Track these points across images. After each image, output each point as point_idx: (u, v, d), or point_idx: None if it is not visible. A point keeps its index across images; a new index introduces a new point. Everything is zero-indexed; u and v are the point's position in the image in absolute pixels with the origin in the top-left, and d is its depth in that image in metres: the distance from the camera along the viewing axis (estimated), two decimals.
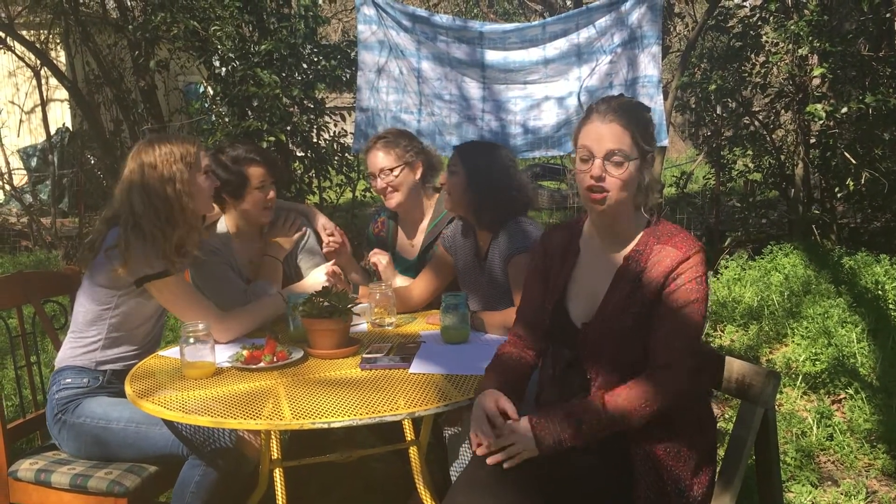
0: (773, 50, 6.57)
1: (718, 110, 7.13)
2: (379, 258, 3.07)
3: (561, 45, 5.18)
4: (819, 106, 5.97)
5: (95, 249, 2.54)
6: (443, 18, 5.39)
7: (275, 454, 2.42)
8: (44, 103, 9.02)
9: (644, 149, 2.00)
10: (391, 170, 3.08)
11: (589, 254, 2.14)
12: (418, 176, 3.12)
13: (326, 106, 6.94)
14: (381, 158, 3.10)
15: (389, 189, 3.10)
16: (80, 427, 2.46)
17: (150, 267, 2.47)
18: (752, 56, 6.79)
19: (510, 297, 2.67)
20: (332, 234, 3.10)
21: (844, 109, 5.96)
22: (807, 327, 4.57)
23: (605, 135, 1.97)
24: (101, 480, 2.35)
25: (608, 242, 2.11)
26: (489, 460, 1.88)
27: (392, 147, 3.10)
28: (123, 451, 2.42)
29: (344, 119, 6.88)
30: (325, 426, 1.89)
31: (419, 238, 3.20)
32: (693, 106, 7.30)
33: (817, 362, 4.12)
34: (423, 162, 3.14)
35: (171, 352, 2.54)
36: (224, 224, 3.02)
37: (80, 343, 2.57)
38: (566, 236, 2.20)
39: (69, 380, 2.53)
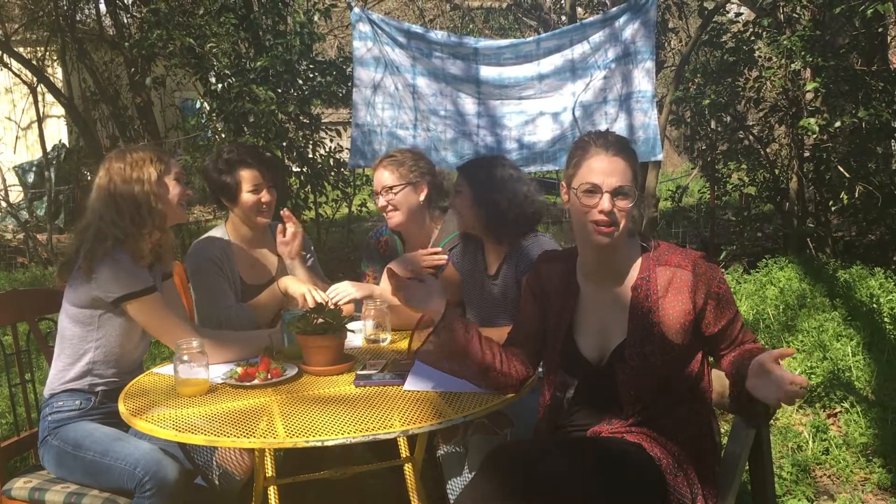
0: (766, 65, 6.61)
1: (713, 124, 7.17)
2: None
3: (555, 60, 5.21)
4: (812, 120, 6.00)
5: (70, 266, 2.47)
6: (438, 35, 5.41)
7: (269, 472, 2.41)
8: (40, 120, 9.03)
9: (640, 183, 2.06)
10: (392, 188, 3.06)
11: (590, 289, 2.15)
12: (422, 197, 3.08)
13: (322, 122, 6.96)
14: (385, 177, 3.07)
15: (390, 208, 3.07)
16: (58, 450, 2.43)
17: (129, 285, 2.40)
18: (746, 71, 6.83)
19: (514, 314, 2.65)
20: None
21: (838, 123, 5.99)
22: (802, 341, 4.57)
23: (613, 171, 1.99)
24: (96, 499, 2.34)
25: (607, 276, 2.12)
26: None
27: (398, 166, 3.07)
28: (87, 479, 2.39)
29: (340, 135, 6.90)
30: (319, 444, 1.89)
31: None
32: (688, 120, 7.33)
33: (813, 376, 4.11)
34: (429, 184, 3.09)
35: (165, 369, 2.52)
36: (222, 230, 3.00)
37: (69, 369, 2.51)
38: (564, 270, 2.20)
39: (61, 403, 2.49)
